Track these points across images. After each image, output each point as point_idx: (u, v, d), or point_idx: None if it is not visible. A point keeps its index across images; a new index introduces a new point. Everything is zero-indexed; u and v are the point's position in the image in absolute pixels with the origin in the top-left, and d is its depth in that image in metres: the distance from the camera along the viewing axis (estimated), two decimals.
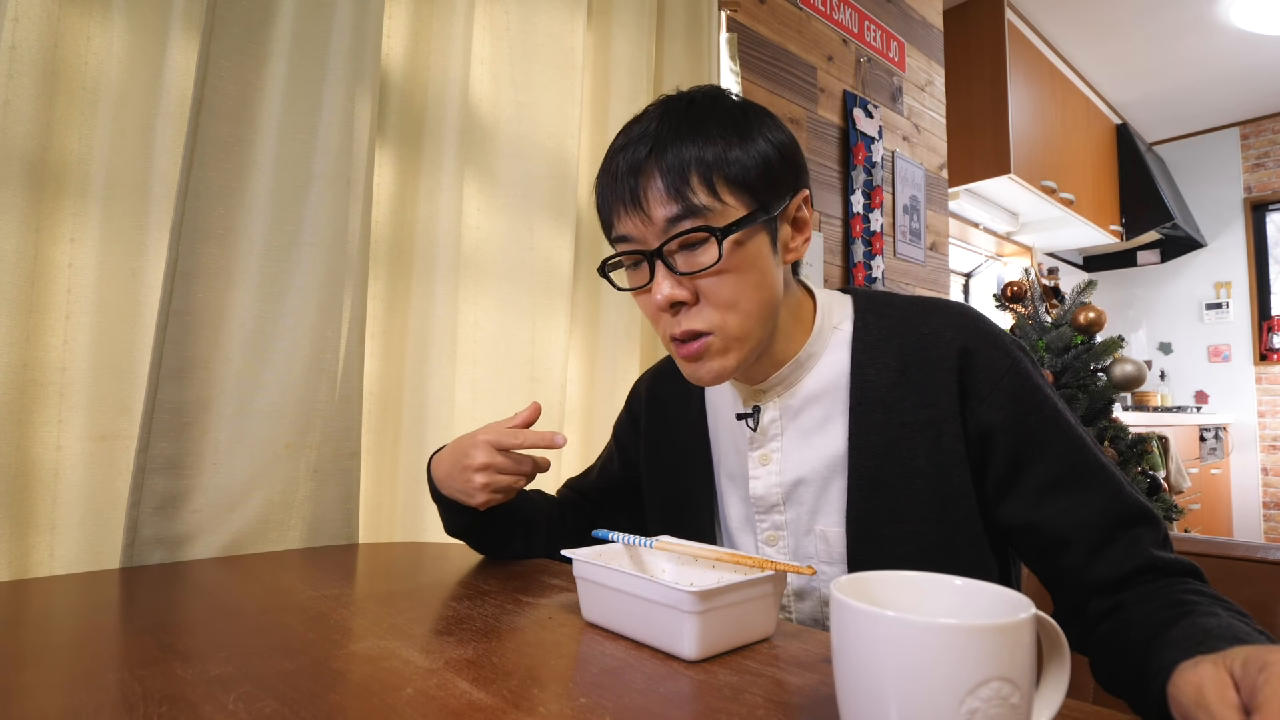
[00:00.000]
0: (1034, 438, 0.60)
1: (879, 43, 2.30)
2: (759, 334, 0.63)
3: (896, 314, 0.67)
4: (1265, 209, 4.38)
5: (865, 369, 0.65)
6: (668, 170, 0.58)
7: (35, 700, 0.41)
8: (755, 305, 0.61)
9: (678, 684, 0.43)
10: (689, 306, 0.61)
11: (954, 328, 0.63)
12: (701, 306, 0.61)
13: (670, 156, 0.59)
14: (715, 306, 0.61)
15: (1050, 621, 0.34)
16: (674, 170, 0.58)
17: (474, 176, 1.20)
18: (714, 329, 0.61)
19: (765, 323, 0.63)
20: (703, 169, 0.58)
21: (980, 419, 0.61)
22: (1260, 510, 4.21)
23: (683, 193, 0.58)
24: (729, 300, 0.60)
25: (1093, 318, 2.42)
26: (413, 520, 1.09)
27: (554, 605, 0.61)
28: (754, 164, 0.60)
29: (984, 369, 0.61)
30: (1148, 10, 3.23)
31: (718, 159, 0.59)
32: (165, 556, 0.85)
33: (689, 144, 0.59)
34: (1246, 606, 0.77)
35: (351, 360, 1.01)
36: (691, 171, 0.58)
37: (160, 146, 0.91)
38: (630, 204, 0.60)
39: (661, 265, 0.60)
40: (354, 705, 0.40)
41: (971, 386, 0.61)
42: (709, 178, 0.58)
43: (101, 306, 0.87)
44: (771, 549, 0.69)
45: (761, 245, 0.61)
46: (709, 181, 0.58)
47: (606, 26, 1.41)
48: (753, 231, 0.61)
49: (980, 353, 0.62)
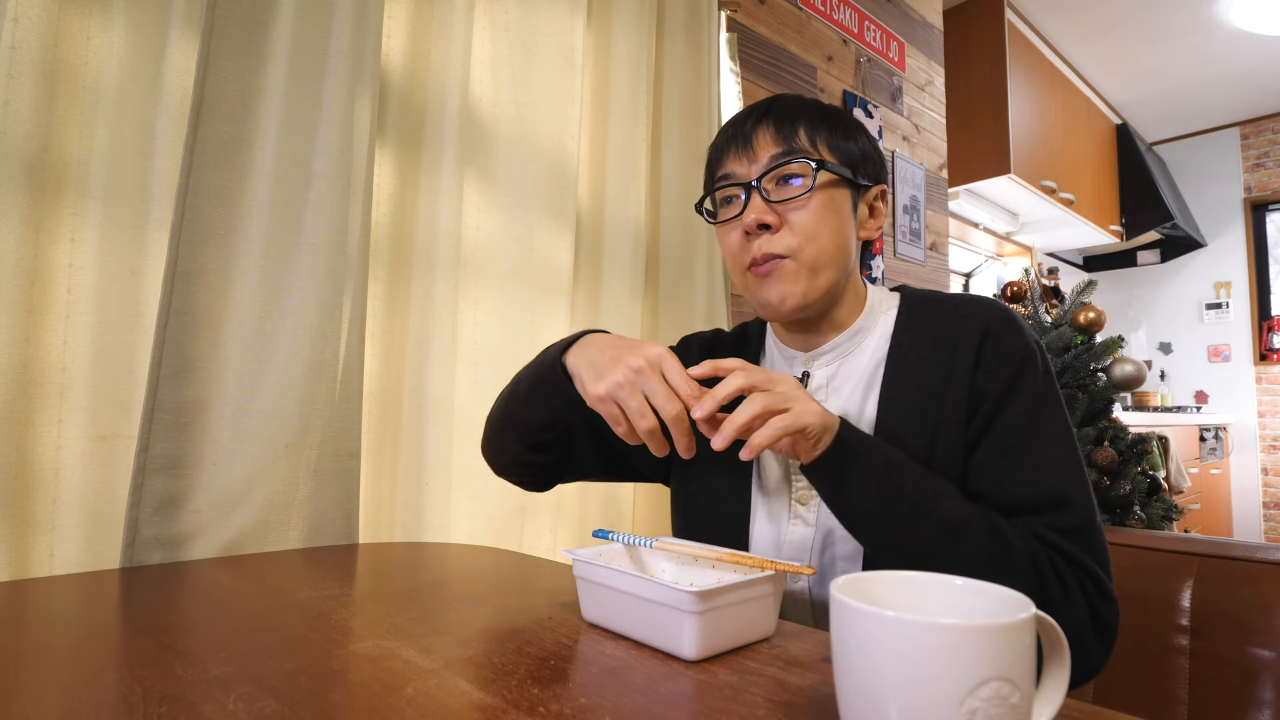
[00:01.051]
0: (1005, 415, 0.65)
1: (879, 43, 2.30)
2: (829, 273, 0.70)
3: (938, 305, 0.73)
4: (1265, 209, 4.38)
5: (903, 346, 0.71)
6: (780, 122, 0.71)
7: (35, 700, 0.41)
8: (831, 243, 0.70)
9: (678, 684, 0.43)
10: (773, 231, 0.69)
11: (984, 314, 0.69)
12: (784, 233, 0.69)
13: (784, 115, 0.71)
14: (797, 233, 0.69)
15: (1050, 621, 0.34)
16: (785, 123, 0.71)
17: (474, 176, 1.20)
18: (792, 252, 0.69)
19: (837, 266, 0.71)
20: (809, 127, 0.71)
21: (978, 384, 0.66)
22: (1260, 510, 4.21)
23: (790, 138, 0.70)
24: (810, 229, 0.69)
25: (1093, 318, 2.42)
26: (413, 520, 1.09)
27: (554, 605, 0.61)
28: (851, 143, 0.72)
29: (997, 346, 0.67)
30: (1148, 10, 3.23)
31: (823, 125, 0.71)
32: (165, 556, 0.85)
33: (800, 113, 0.72)
34: (1247, 607, 0.77)
35: (351, 360, 1.01)
36: (800, 126, 0.71)
37: (160, 146, 0.91)
38: (741, 145, 0.71)
39: (756, 194, 0.70)
40: (354, 705, 0.40)
41: (982, 358, 0.67)
42: (814, 136, 0.71)
43: (101, 306, 0.87)
44: (803, 507, 0.72)
45: (845, 200, 0.72)
46: (813, 138, 0.70)
47: (606, 26, 1.41)
48: (840, 184, 0.71)
49: (999, 333, 0.68)
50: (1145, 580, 0.85)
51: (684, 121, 1.52)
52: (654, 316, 1.47)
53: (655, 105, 1.49)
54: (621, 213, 1.38)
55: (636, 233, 1.39)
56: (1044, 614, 0.34)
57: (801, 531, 0.72)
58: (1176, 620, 0.82)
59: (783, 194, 0.70)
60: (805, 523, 0.72)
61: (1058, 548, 0.60)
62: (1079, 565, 0.60)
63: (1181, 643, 0.81)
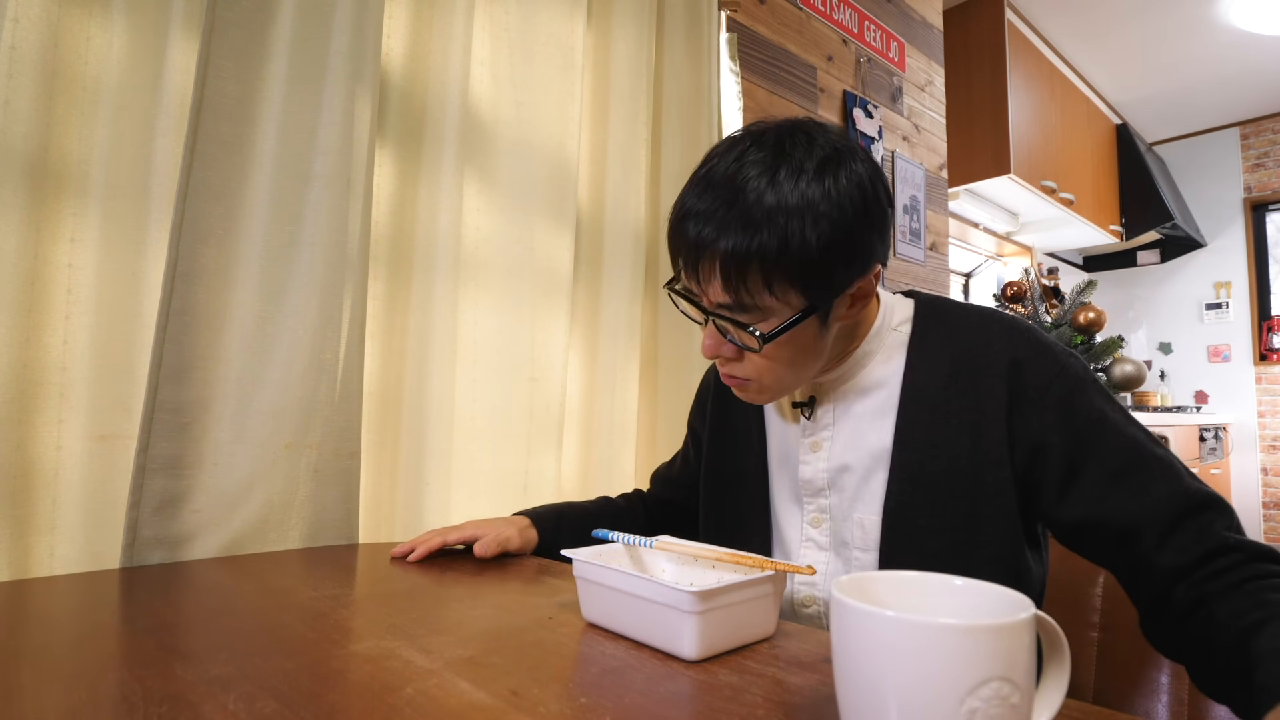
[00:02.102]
0: (1085, 440, 0.61)
1: (879, 43, 2.30)
2: (797, 382, 0.68)
3: (954, 321, 0.69)
4: (1265, 209, 4.38)
5: (918, 371, 0.68)
6: (726, 261, 0.58)
7: (35, 700, 0.41)
8: (792, 371, 0.66)
9: (678, 684, 0.43)
10: (732, 359, 0.66)
11: (1006, 339, 0.66)
12: (746, 360, 0.65)
13: (732, 247, 0.58)
14: (755, 366, 0.65)
15: (1050, 621, 0.34)
16: (732, 263, 0.58)
17: (474, 176, 1.20)
18: (752, 378, 0.66)
19: (805, 373, 0.67)
20: (764, 265, 0.58)
21: (1031, 425, 0.63)
22: (1260, 510, 4.21)
23: (737, 289, 0.59)
24: (767, 367, 0.65)
25: (1093, 318, 2.42)
26: (413, 520, 1.09)
27: (554, 605, 0.61)
28: (819, 252, 0.58)
29: (1033, 376, 0.63)
30: (1148, 10, 3.23)
31: (779, 253, 0.57)
32: (165, 556, 0.85)
33: (754, 233, 0.57)
34: None
35: (351, 360, 1.01)
36: (751, 267, 0.58)
37: (160, 146, 0.91)
38: (690, 272, 0.62)
39: (711, 324, 0.64)
40: (354, 705, 0.40)
41: (1022, 393, 0.63)
42: (767, 276, 0.58)
43: (101, 306, 0.87)
44: (815, 530, 0.72)
45: (808, 330, 0.63)
46: (767, 280, 0.58)
47: (606, 26, 1.41)
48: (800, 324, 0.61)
49: (1029, 362, 0.64)
50: None
51: (684, 121, 1.52)
52: (653, 316, 1.47)
53: (655, 105, 1.49)
54: (621, 213, 1.38)
55: (636, 233, 1.39)
56: (1044, 614, 0.34)
57: (814, 555, 0.72)
58: None
59: (737, 337, 0.63)
60: (818, 545, 0.72)
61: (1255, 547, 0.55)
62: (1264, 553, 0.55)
63: None
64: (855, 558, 0.69)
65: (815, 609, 0.72)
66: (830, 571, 0.71)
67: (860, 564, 0.68)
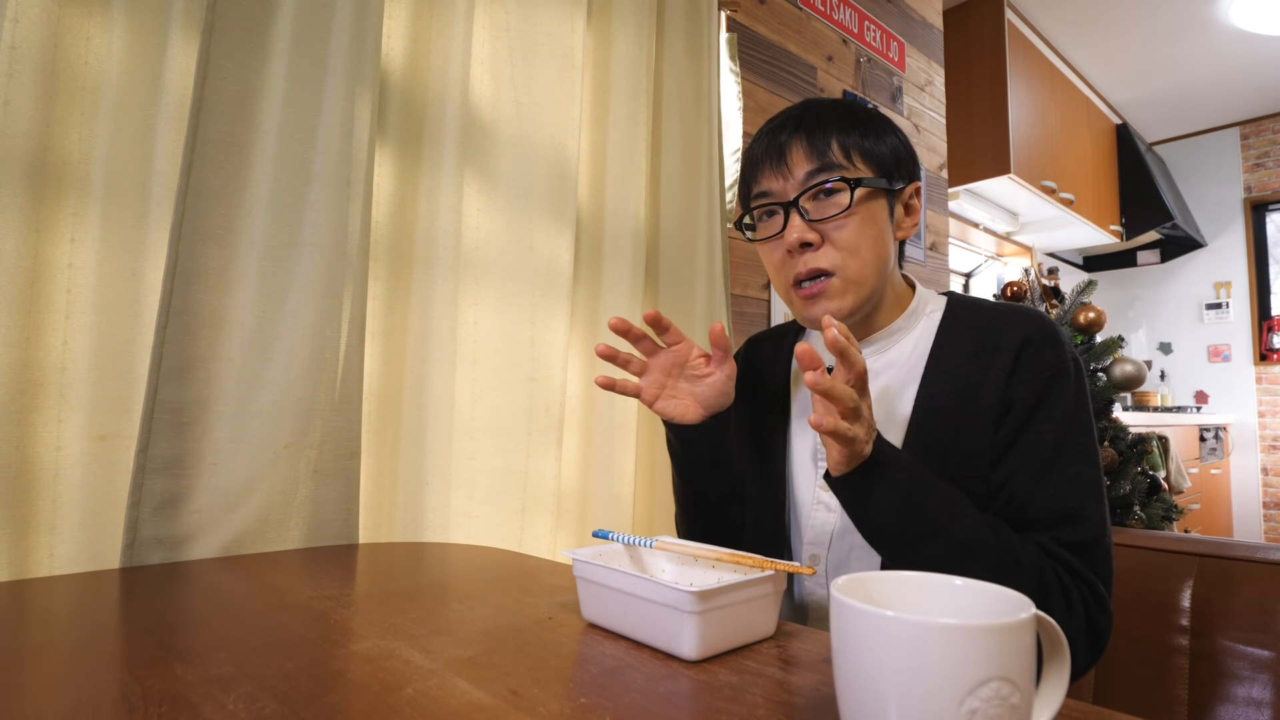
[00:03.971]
0: (1036, 425, 0.65)
1: (879, 43, 2.30)
2: (873, 283, 0.72)
3: (983, 311, 0.74)
4: (1265, 209, 4.38)
5: (944, 348, 0.73)
6: (812, 135, 0.71)
7: (35, 700, 0.41)
8: (873, 255, 0.71)
9: (678, 684, 0.43)
10: (815, 248, 0.71)
11: (1026, 322, 0.70)
12: (827, 249, 0.71)
13: (816, 128, 0.71)
14: (839, 248, 0.70)
15: (1050, 621, 0.34)
16: (818, 137, 0.71)
17: (474, 176, 1.20)
18: (836, 269, 0.70)
19: (879, 276, 0.72)
20: (842, 138, 0.71)
21: (1011, 391, 0.67)
22: (1260, 510, 4.21)
23: (824, 153, 0.70)
24: (852, 244, 0.70)
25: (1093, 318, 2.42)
26: (413, 520, 1.09)
27: (554, 605, 0.61)
28: (883, 146, 0.72)
29: (1035, 356, 0.68)
30: (1147, 10, 3.23)
31: (855, 132, 0.71)
32: (165, 556, 0.85)
33: (832, 122, 0.71)
34: (1247, 606, 0.77)
35: (351, 360, 1.01)
36: (833, 139, 0.71)
37: (160, 146, 0.91)
38: (776, 162, 0.72)
39: (795, 213, 0.71)
40: (354, 705, 0.40)
41: (1019, 366, 0.68)
42: (846, 146, 0.71)
43: (101, 306, 0.86)
44: (826, 493, 0.75)
45: (882, 209, 0.72)
46: (846, 149, 0.71)
47: (606, 26, 1.41)
48: (876, 194, 0.72)
49: (1038, 344, 0.68)
50: (1145, 580, 0.85)
51: (684, 122, 1.52)
52: None
53: (655, 105, 1.49)
54: (622, 213, 1.38)
55: (637, 233, 1.39)
56: (1044, 614, 0.34)
57: (823, 517, 0.74)
58: (1176, 620, 0.82)
59: (822, 211, 0.70)
60: (828, 508, 0.74)
61: (1065, 562, 0.62)
62: (1082, 579, 0.61)
63: (1181, 643, 0.81)
64: None
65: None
66: (838, 530, 0.73)
67: None
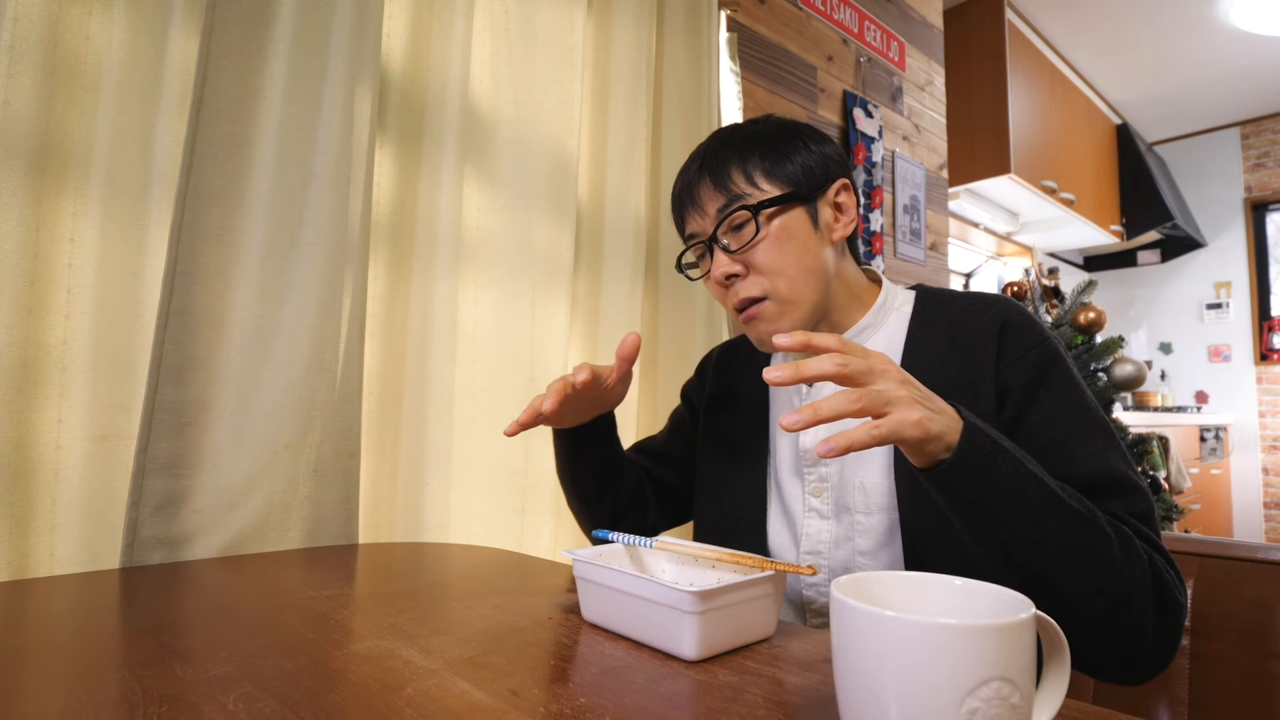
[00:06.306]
0: (1043, 406, 0.64)
1: (879, 43, 2.30)
2: (810, 297, 0.72)
3: (953, 301, 0.74)
4: (1265, 209, 4.38)
5: (919, 341, 0.72)
6: (714, 172, 0.72)
7: (35, 700, 0.41)
8: (799, 270, 0.71)
9: (678, 684, 0.43)
10: (742, 278, 0.72)
11: (999, 308, 0.70)
12: (753, 277, 0.71)
13: (716, 162, 0.73)
14: (763, 273, 0.71)
15: (1050, 621, 0.34)
16: (719, 171, 0.72)
17: (474, 175, 1.20)
18: (766, 293, 0.71)
19: (814, 288, 0.72)
20: (742, 165, 0.72)
21: (1004, 376, 0.66)
22: (1260, 510, 4.21)
23: (726, 186, 0.72)
24: (774, 266, 0.70)
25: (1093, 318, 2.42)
26: (413, 520, 1.09)
27: (554, 605, 0.61)
28: (787, 158, 0.72)
29: (1018, 337, 0.68)
30: (1148, 10, 3.23)
31: (754, 157, 0.72)
32: (165, 556, 0.85)
33: (731, 152, 0.73)
34: (1246, 606, 0.77)
35: (351, 360, 1.01)
36: (731, 169, 0.72)
37: (160, 146, 0.91)
38: (690, 202, 0.74)
39: (717, 248, 0.72)
40: (354, 705, 0.40)
41: (1004, 349, 0.67)
42: (748, 172, 0.72)
43: (101, 307, 0.86)
44: (817, 500, 0.74)
45: (800, 221, 0.72)
46: (748, 175, 0.72)
47: (606, 26, 1.41)
48: (789, 209, 0.71)
49: (1018, 325, 0.68)
50: None
51: (684, 121, 1.52)
52: (654, 313, 1.47)
53: (655, 105, 1.49)
54: (621, 212, 1.38)
55: (637, 231, 1.39)
56: (1044, 614, 0.34)
57: (818, 524, 0.73)
58: None
59: (739, 241, 0.71)
60: (820, 515, 0.73)
61: (1139, 533, 0.58)
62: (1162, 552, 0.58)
63: (1182, 643, 0.81)
64: (858, 522, 0.70)
65: None
66: (834, 537, 0.73)
67: (863, 528, 0.70)
